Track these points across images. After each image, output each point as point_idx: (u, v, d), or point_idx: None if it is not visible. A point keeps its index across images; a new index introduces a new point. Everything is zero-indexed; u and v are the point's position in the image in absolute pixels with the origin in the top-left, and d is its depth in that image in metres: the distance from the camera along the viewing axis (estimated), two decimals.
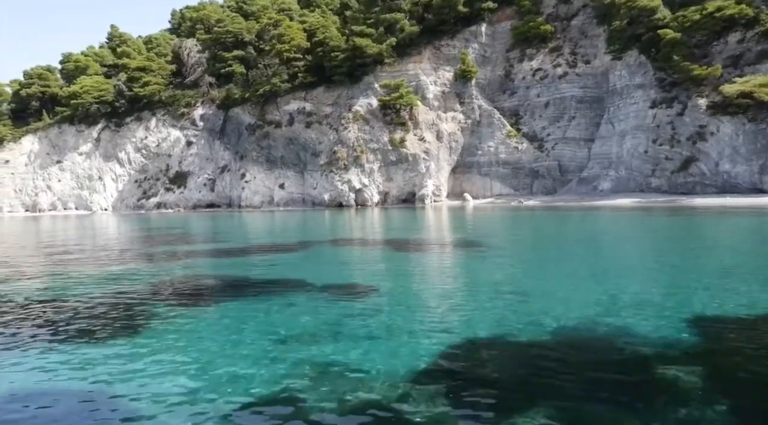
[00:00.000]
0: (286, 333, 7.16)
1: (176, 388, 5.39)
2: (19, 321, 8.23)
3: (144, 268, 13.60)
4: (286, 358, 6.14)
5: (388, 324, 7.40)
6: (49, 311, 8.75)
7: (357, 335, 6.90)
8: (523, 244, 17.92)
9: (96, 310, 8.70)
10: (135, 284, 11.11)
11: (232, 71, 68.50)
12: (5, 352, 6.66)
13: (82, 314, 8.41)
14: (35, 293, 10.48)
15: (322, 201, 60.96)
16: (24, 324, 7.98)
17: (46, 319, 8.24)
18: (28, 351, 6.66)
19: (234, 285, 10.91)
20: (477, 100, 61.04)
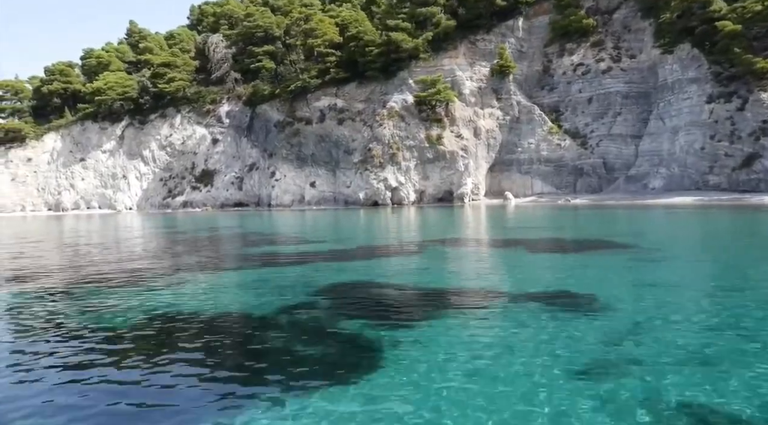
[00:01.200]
0: (575, 358, 5.56)
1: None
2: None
3: (293, 276, 12.02)
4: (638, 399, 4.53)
5: (700, 342, 5.89)
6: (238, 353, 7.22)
7: (680, 360, 5.35)
8: (680, 246, 16.29)
9: (298, 338, 7.12)
10: (314, 298, 9.52)
11: (261, 67, 66.89)
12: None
13: (291, 347, 6.86)
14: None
15: (356, 200, 59.38)
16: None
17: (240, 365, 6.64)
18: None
19: (429, 296, 9.32)
20: (515, 96, 59.45)
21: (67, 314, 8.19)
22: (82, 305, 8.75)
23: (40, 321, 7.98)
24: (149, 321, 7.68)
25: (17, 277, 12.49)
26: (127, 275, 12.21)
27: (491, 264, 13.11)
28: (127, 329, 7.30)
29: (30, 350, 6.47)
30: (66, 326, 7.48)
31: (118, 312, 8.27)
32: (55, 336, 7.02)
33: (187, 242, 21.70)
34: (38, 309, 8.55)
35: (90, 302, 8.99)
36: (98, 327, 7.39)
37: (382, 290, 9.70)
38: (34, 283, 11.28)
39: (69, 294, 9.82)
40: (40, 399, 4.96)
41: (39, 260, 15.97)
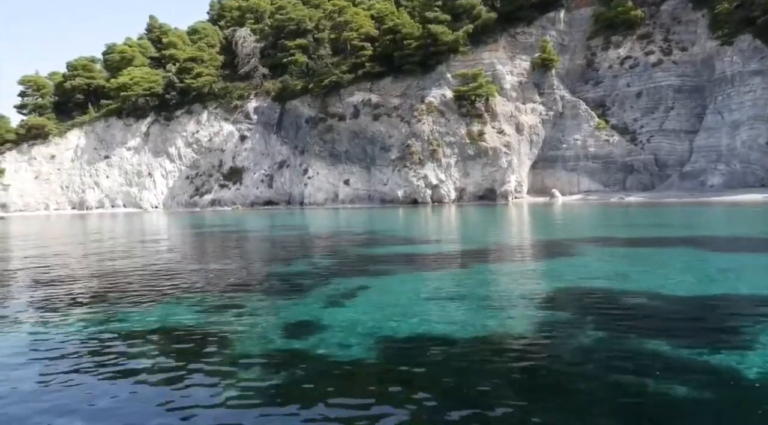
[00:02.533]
0: None
1: None
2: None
3: (506, 282, 10.09)
4: None
5: None
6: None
7: None
8: None
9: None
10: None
11: (294, 61, 65.00)
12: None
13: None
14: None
15: (394, 198, 57.51)
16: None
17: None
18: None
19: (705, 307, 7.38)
20: (558, 91, 57.52)
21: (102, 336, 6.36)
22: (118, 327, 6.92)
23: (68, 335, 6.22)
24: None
25: (40, 284, 10.70)
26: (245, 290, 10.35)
27: (698, 266, 11.18)
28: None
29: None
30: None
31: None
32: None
33: (288, 245, 19.80)
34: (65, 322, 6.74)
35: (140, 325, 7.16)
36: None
37: (632, 299, 7.80)
38: (57, 291, 9.48)
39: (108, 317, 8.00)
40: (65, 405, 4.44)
41: (68, 268, 14.12)
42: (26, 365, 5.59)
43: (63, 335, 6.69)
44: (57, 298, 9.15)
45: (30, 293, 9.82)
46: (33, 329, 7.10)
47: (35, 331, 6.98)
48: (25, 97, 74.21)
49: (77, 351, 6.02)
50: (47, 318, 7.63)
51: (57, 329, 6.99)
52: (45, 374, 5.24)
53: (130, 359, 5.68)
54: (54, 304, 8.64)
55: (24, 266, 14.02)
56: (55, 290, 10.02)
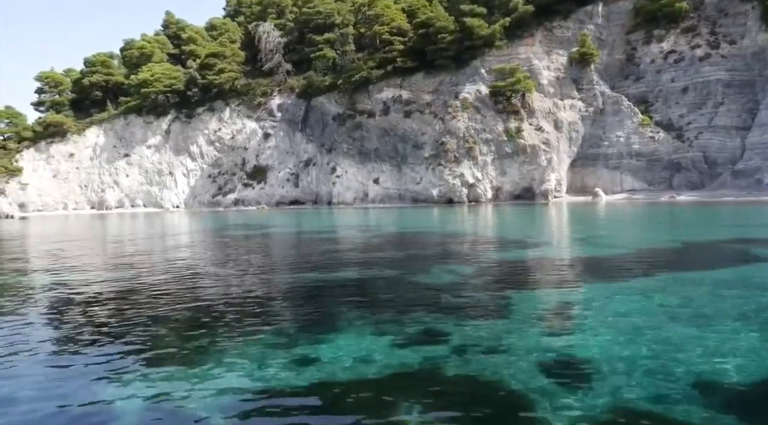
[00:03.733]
0: None
1: None
2: None
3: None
4: None
5: None
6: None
7: None
8: None
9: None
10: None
11: (322, 55, 63.02)
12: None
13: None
14: None
15: (428, 197, 55.52)
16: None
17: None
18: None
19: None
20: (598, 86, 55.55)
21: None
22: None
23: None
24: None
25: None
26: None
27: None
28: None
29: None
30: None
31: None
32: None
33: (395, 248, 17.80)
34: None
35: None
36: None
37: None
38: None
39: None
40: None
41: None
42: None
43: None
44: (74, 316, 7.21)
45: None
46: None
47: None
48: (42, 94, 72.24)
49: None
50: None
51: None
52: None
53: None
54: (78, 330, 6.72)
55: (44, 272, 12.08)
56: (72, 307, 8.08)
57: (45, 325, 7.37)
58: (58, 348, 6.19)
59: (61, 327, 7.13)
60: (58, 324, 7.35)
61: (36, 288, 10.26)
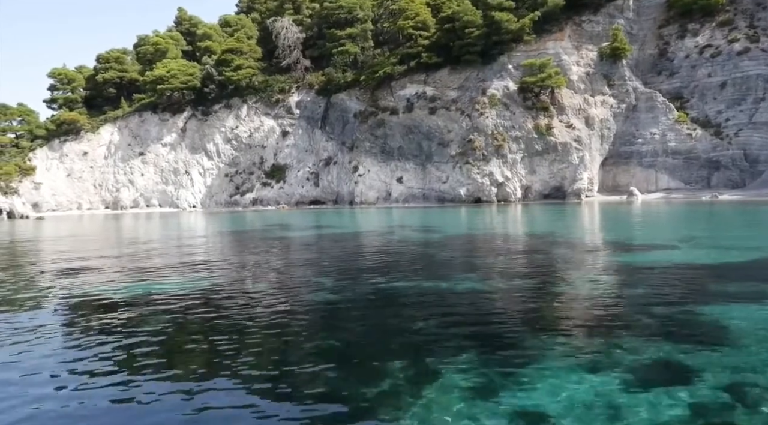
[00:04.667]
0: None
1: None
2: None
3: None
4: None
5: None
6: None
7: None
8: None
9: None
10: None
11: (344, 51, 61.38)
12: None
13: None
14: None
15: (455, 197, 53.91)
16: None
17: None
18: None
19: None
20: (631, 82, 53.86)
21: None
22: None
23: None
24: None
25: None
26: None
27: None
28: None
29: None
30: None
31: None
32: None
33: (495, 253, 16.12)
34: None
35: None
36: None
37: None
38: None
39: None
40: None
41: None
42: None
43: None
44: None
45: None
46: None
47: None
48: (55, 91, 70.66)
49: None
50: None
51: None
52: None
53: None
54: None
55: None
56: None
57: (104, 338, 6.35)
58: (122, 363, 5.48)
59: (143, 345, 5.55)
60: (131, 344, 5.79)
61: (89, 298, 8.68)
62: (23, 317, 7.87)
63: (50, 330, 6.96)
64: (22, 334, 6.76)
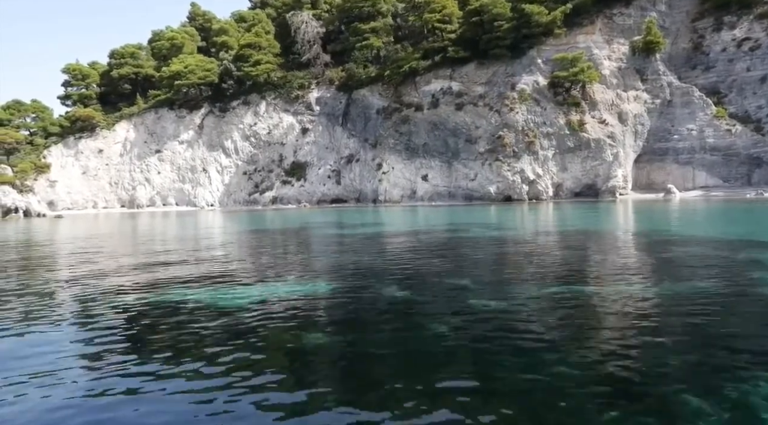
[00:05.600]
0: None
1: None
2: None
3: None
4: None
5: None
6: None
7: None
8: None
9: None
10: None
11: (368, 45, 59.88)
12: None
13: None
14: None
15: (484, 195, 52.39)
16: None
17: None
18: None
19: None
20: (665, 77, 52.32)
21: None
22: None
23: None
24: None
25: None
26: None
27: None
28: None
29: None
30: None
31: None
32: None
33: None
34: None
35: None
36: None
37: None
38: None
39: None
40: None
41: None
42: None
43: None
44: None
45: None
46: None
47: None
48: (69, 87, 69.19)
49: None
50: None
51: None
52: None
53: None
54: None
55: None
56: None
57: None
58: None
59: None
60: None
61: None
62: (69, 329, 6.67)
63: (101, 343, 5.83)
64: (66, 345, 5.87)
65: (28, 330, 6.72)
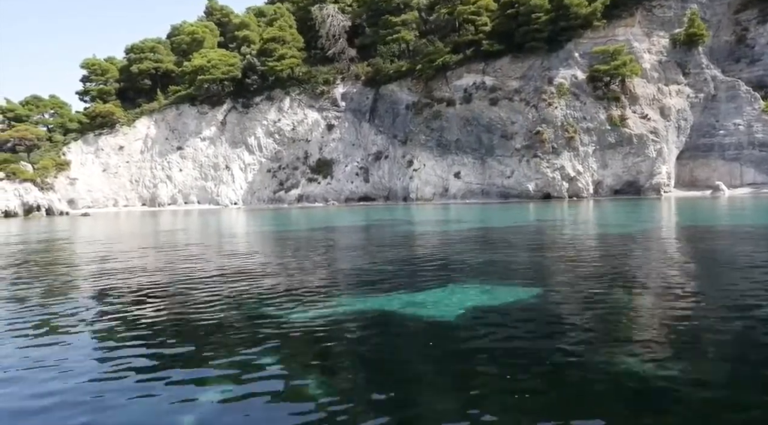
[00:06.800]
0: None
1: None
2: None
3: None
4: None
5: None
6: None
7: None
8: None
9: None
10: None
11: (400, 38, 58.24)
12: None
13: None
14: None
15: (522, 192, 50.76)
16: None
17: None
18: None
19: None
20: (709, 71, 50.68)
21: None
22: None
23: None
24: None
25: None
26: None
27: None
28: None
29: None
30: None
31: None
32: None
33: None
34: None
35: None
36: None
37: None
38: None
39: None
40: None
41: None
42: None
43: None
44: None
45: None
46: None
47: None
48: (87, 83, 67.46)
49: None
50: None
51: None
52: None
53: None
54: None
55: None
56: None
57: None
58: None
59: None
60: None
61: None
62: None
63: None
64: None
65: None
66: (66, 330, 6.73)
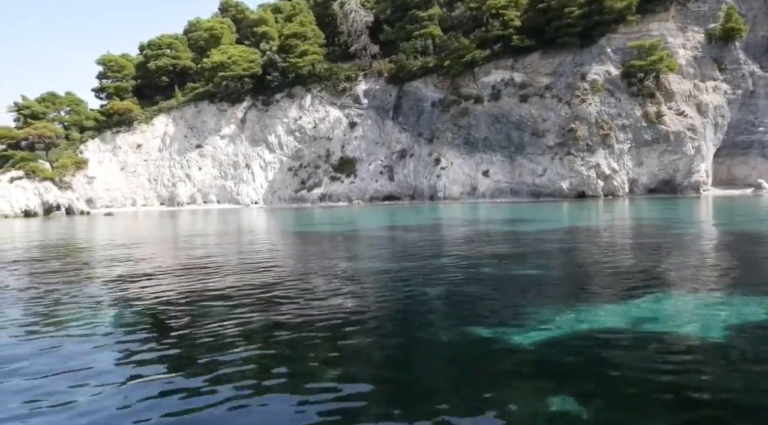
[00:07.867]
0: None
1: None
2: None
3: None
4: None
5: None
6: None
7: None
8: None
9: None
10: None
11: (428, 33, 56.97)
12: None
13: None
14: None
15: (555, 191, 49.47)
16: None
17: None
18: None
19: None
20: (747, 66, 49.49)
21: None
22: None
23: None
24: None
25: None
26: None
27: None
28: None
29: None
30: None
31: None
32: None
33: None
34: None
35: None
36: None
37: None
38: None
39: None
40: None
41: None
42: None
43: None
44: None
45: None
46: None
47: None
48: (104, 80, 66.10)
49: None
50: None
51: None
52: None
53: None
54: None
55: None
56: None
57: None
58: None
59: None
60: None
61: None
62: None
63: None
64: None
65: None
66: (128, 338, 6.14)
